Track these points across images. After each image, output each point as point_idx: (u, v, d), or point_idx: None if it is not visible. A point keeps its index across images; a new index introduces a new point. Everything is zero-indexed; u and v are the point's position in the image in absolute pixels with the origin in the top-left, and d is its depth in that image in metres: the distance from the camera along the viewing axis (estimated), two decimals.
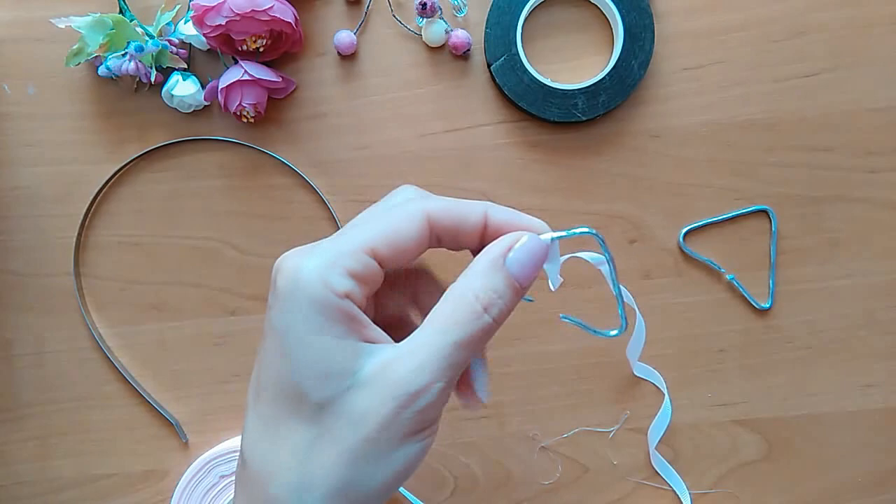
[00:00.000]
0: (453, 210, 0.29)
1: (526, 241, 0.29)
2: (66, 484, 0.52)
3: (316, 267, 0.26)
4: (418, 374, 0.26)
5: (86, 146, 0.51)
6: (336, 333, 0.26)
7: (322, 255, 0.26)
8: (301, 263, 0.26)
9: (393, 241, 0.27)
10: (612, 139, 0.51)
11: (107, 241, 0.52)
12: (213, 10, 0.45)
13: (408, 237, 0.28)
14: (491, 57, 0.49)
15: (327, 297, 0.26)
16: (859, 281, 0.51)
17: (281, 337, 0.26)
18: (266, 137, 0.51)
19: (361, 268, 0.27)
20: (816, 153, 0.51)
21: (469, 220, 0.29)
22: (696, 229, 0.51)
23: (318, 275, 0.26)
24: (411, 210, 0.28)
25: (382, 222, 0.28)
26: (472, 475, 0.52)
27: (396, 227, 0.28)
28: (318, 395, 0.26)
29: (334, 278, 0.26)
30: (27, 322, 0.51)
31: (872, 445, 0.52)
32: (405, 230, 0.28)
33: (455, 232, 0.29)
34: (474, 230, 0.29)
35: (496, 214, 0.29)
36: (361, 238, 0.27)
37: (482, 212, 0.29)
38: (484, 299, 0.27)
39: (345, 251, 0.27)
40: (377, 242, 0.27)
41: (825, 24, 0.50)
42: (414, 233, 0.28)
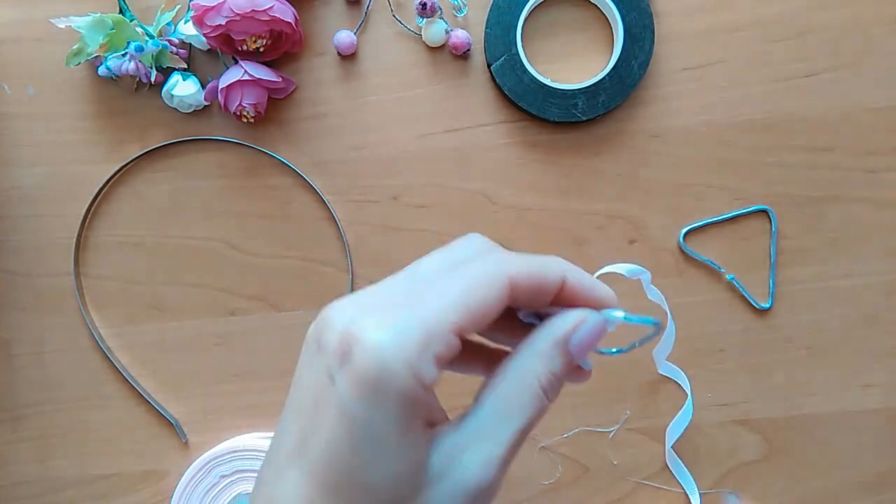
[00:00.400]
0: (535, 275, 0.26)
1: (593, 324, 0.27)
2: (66, 484, 0.52)
3: (407, 352, 0.23)
4: (486, 469, 0.24)
5: (86, 146, 0.51)
6: (417, 430, 0.24)
7: (411, 336, 0.23)
8: (389, 344, 0.23)
9: (477, 313, 0.24)
10: (612, 139, 0.51)
11: (107, 241, 0.52)
12: (213, 10, 0.45)
13: (491, 308, 0.25)
14: (491, 57, 0.49)
15: (417, 393, 0.23)
16: (859, 281, 0.51)
17: (357, 427, 0.23)
18: (266, 137, 0.51)
19: (449, 351, 0.24)
20: (816, 153, 0.51)
21: (548, 286, 0.26)
22: (696, 229, 0.51)
23: (408, 364, 0.23)
24: (493, 272, 0.25)
25: (463, 289, 0.24)
26: None
27: (482, 297, 0.24)
28: (389, 494, 0.24)
29: (426, 368, 0.23)
30: (27, 322, 0.51)
31: (872, 445, 0.52)
32: (490, 300, 0.25)
33: (533, 297, 0.26)
34: (549, 295, 0.27)
35: (573, 281, 0.27)
36: (448, 312, 0.24)
37: (561, 276, 0.27)
38: (546, 383, 0.26)
39: (434, 332, 0.23)
40: (462, 317, 0.24)
41: (825, 24, 0.50)
42: (497, 302, 0.25)
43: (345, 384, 0.23)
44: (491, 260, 0.26)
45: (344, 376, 0.23)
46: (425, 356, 0.23)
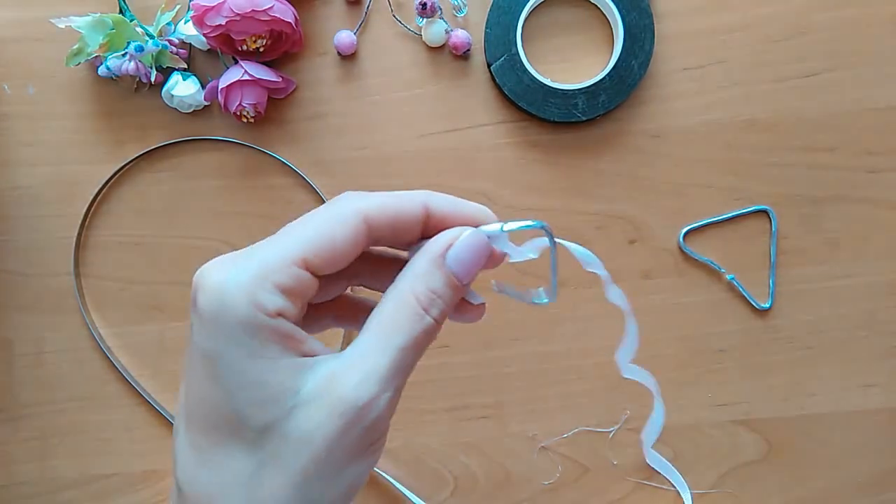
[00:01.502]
0: (390, 206, 0.27)
1: (466, 238, 0.27)
2: (66, 484, 0.52)
3: (242, 284, 0.24)
4: (365, 386, 0.24)
5: (86, 146, 0.51)
6: (271, 355, 0.24)
7: (248, 270, 0.24)
8: (225, 280, 0.24)
9: (326, 247, 0.25)
10: (612, 139, 0.51)
11: (107, 241, 0.52)
12: (213, 10, 0.45)
13: (342, 241, 0.25)
14: (491, 57, 0.49)
15: (257, 319, 0.24)
16: (859, 281, 0.51)
17: (211, 363, 0.24)
18: (266, 137, 0.51)
19: (293, 281, 0.24)
20: (816, 153, 0.51)
21: (407, 215, 0.27)
22: (696, 229, 0.51)
23: (245, 294, 0.24)
24: (344, 211, 0.26)
25: (312, 227, 0.25)
26: (472, 475, 0.52)
27: (329, 232, 0.25)
28: (259, 420, 0.24)
29: (264, 296, 0.24)
30: (27, 322, 0.51)
31: (872, 445, 0.52)
32: (339, 234, 0.25)
33: (394, 229, 0.27)
34: (414, 225, 0.27)
35: (437, 206, 0.28)
36: (291, 248, 0.25)
37: (421, 204, 0.27)
38: (424, 300, 0.26)
39: (273, 264, 0.24)
40: (308, 251, 0.25)
41: (825, 24, 0.50)
42: (348, 236, 0.26)
43: (196, 327, 0.24)
44: (345, 201, 0.27)
45: (194, 320, 0.25)
46: (264, 286, 0.24)
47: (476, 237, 0.27)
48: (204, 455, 0.25)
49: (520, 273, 0.51)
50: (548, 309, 0.51)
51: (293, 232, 0.26)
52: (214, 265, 0.25)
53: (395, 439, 0.51)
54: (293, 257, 0.24)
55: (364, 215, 0.26)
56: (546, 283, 0.35)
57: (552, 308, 0.51)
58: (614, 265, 0.51)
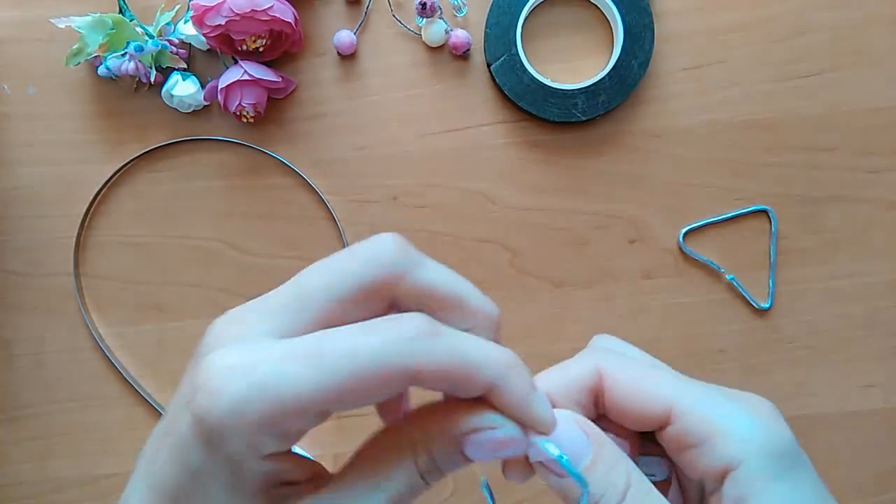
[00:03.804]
0: (447, 376, 0.21)
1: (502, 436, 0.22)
2: (66, 484, 0.52)
3: (245, 423, 0.20)
4: None
5: (86, 146, 0.51)
6: (251, 495, 0.21)
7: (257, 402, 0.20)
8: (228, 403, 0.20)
9: (354, 399, 0.20)
10: (612, 139, 0.51)
11: (107, 241, 0.52)
12: (213, 10, 0.45)
13: (376, 397, 0.21)
14: (491, 57, 0.49)
15: (249, 462, 0.21)
16: (859, 281, 0.51)
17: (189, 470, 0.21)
18: (266, 137, 0.51)
19: (303, 429, 0.21)
20: (816, 153, 0.51)
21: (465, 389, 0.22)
22: (696, 229, 0.51)
23: (244, 433, 0.20)
24: (388, 362, 0.20)
25: (348, 368, 0.20)
26: (473, 475, 0.52)
27: (364, 386, 0.20)
28: None
29: (265, 442, 0.20)
30: (27, 322, 0.51)
31: (872, 445, 0.52)
32: (374, 390, 0.20)
33: (447, 391, 0.22)
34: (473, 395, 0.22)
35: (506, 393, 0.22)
36: (314, 391, 0.20)
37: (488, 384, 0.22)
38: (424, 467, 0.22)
39: (289, 410, 0.20)
40: (332, 401, 0.20)
41: (825, 24, 0.50)
42: (385, 393, 0.21)
43: (185, 421, 0.21)
44: (395, 337, 0.20)
45: (188, 410, 0.21)
46: (267, 430, 0.20)
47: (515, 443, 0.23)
48: None
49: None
50: (548, 309, 0.51)
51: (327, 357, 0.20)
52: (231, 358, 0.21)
53: None
54: (313, 405, 0.20)
55: (415, 373, 0.20)
56: None
57: (552, 308, 0.51)
58: (614, 265, 0.51)
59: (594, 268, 0.52)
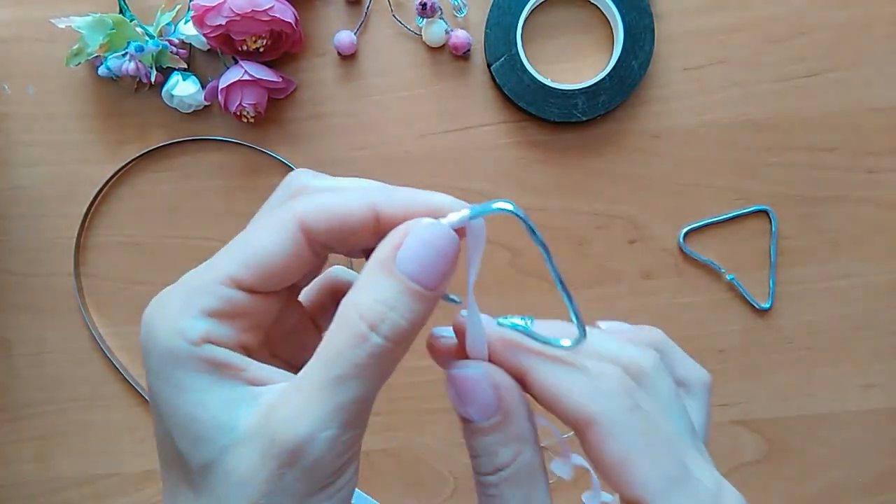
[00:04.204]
0: (330, 210, 0.22)
1: (422, 230, 0.22)
2: (66, 484, 0.52)
3: (167, 314, 0.22)
4: (298, 423, 0.20)
5: (86, 146, 0.51)
6: (200, 387, 0.21)
7: (174, 297, 0.22)
8: (153, 311, 0.22)
9: (258, 263, 0.22)
10: (612, 139, 0.51)
11: (107, 241, 0.52)
12: (214, 10, 0.45)
13: (275, 254, 0.22)
14: (491, 57, 0.49)
15: (181, 348, 0.21)
16: (859, 281, 0.51)
17: (153, 400, 0.23)
18: (266, 137, 0.51)
19: (221, 303, 0.22)
20: (816, 153, 0.51)
21: (353, 220, 0.22)
22: (696, 229, 0.51)
23: (168, 323, 0.22)
24: (279, 220, 0.23)
25: (243, 241, 0.23)
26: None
27: (260, 246, 0.22)
28: (196, 459, 0.22)
29: (185, 323, 0.22)
30: (27, 322, 0.51)
31: (872, 445, 0.52)
32: (271, 247, 0.22)
33: (338, 236, 0.23)
34: (364, 230, 0.23)
35: (388, 205, 0.23)
36: (218, 267, 0.22)
37: (368, 205, 0.22)
38: (370, 316, 0.21)
39: (197, 287, 0.22)
40: (238, 269, 0.22)
41: (825, 24, 0.50)
42: (283, 247, 0.22)
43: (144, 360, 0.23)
44: (285, 206, 0.23)
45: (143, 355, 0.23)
46: (187, 312, 0.22)
47: (434, 229, 0.22)
48: (168, 493, 0.23)
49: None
50: (548, 309, 0.51)
51: (225, 250, 0.23)
52: (156, 298, 0.23)
53: (395, 439, 0.51)
54: (219, 277, 0.22)
55: (300, 221, 0.22)
56: None
57: (552, 308, 0.51)
58: (614, 265, 0.51)
59: (594, 268, 0.52)
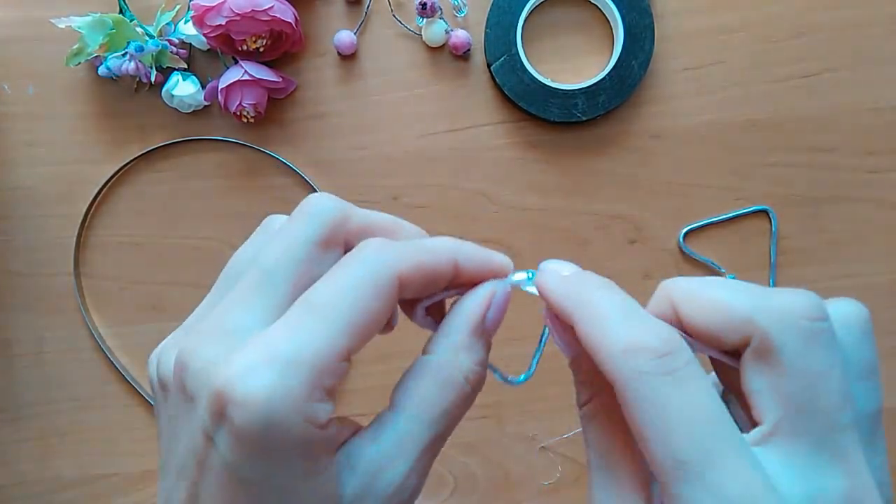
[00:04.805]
0: (424, 266, 0.23)
1: (501, 298, 0.25)
2: (66, 484, 0.52)
3: (293, 400, 0.20)
4: (407, 479, 0.22)
5: (86, 146, 0.51)
6: (322, 469, 0.21)
7: (293, 376, 0.20)
8: (272, 395, 0.19)
9: (367, 328, 0.21)
10: (612, 139, 0.51)
11: (107, 241, 0.52)
12: (214, 10, 0.45)
13: (383, 315, 0.22)
14: (491, 57, 0.49)
15: (312, 436, 0.20)
16: (859, 281, 0.51)
17: (252, 487, 0.20)
18: (266, 137, 0.51)
19: (341, 380, 0.21)
20: (817, 153, 0.51)
21: (440, 274, 0.24)
22: (696, 229, 0.51)
23: (298, 409, 0.20)
24: (381, 278, 0.22)
25: (350, 303, 0.21)
26: (472, 475, 0.52)
27: (369, 309, 0.21)
28: None
29: (319, 409, 0.20)
30: (27, 322, 0.51)
31: None
32: (379, 309, 0.22)
33: (424, 288, 0.24)
34: (443, 281, 0.24)
35: (466, 260, 0.24)
36: (334, 337, 0.20)
37: (451, 260, 0.24)
38: (473, 379, 0.24)
39: (323, 364, 0.20)
40: (353, 339, 0.21)
41: (825, 24, 0.50)
42: (389, 307, 0.22)
43: (228, 445, 0.20)
44: (374, 257, 0.22)
45: (225, 437, 0.20)
46: (316, 395, 0.20)
47: (505, 294, 0.25)
48: None
49: None
50: None
51: (329, 305, 0.21)
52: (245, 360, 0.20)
53: None
54: (341, 351, 0.21)
55: (401, 279, 0.22)
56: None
57: None
58: (614, 265, 0.51)
59: (594, 268, 0.51)
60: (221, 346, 0.21)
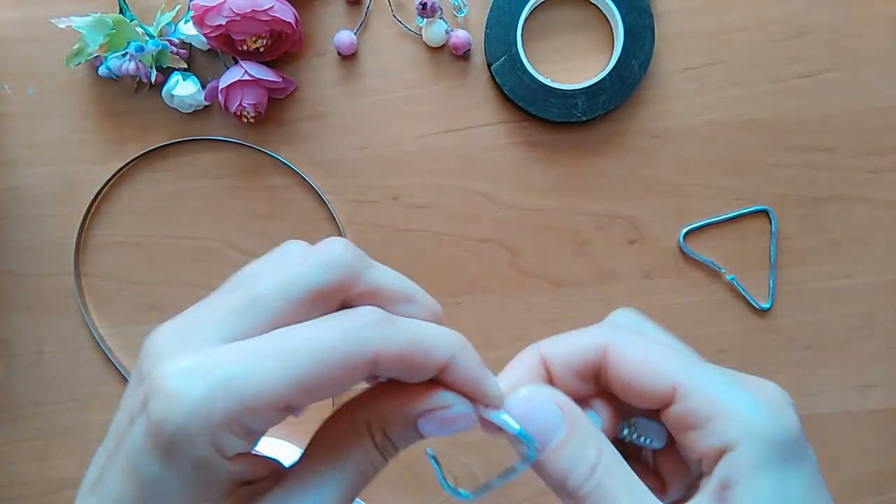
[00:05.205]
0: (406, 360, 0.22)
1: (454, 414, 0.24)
2: (66, 484, 0.52)
3: (208, 422, 0.19)
4: None
5: (86, 146, 0.51)
6: (216, 495, 0.21)
7: (219, 400, 0.19)
8: (188, 404, 0.19)
9: (319, 390, 0.21)
10: (612, 139, 0.51)
11: (107, 241, 0.52)
12: (214, 10, 0.45)
13: (340, 386, 0.21)
14: (491, 57, 0.49)
15: (213, 462, 0.20)
16: (859, 281, 0.51)
17: (146, 486, 0.20)
18: (266, 137, 0.51)
19: (267, 426, 0.21)
20: (817, 153, 0.51)
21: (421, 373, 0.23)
22: (696, 229, 0.51)
23: (209, 433, 0.19)
24: (355, 352, 0.21)
25: (309, 359, 0.20)
26: (472, 475, 0.52)
27: (328, 376, 0.20)
28: None
29: (230, 442, 0.20)
30: (27, 322, 0.51)
31: (872, 445, 0.52)
32: (338, 378, 0.21)
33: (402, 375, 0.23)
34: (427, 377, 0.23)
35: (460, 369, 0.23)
36: (277, 386, 0.20)
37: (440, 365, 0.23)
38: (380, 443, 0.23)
39: (253, 405, 0.20)
40: (296, 394, 0.20)
41: (825, 24, 0.50)
42: (349, 381, 0.21)
43: (138, 432, 0.20)
44: (358, 327, 0.21)
45: (139, 424, 0.20)
46: (233, 428, 0.20)
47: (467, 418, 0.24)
48: None
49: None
50: (548, 309, 0.51)
51: (289, 353, 0.20)
52: (184, 363, 0.20)
53: None
54: (279, 400, 0.20)
55: (376, 358, 0.21)
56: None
57: (552, 308, 0.51)
58: (614, 265, 0.51)
59: (594, 268, 0.52)
60: (180, 344, 0.21)
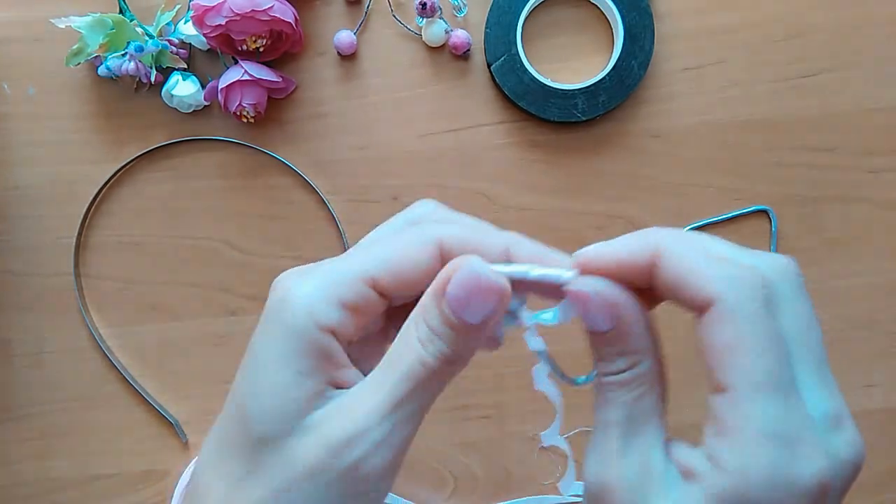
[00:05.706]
0: (470, 241, 0.25)
1: (461, 273, 0.23)
2: (66, 484, 0.52)
3: (307, 293, 0.24)
4: (353, 422, 0.23)
5: (86, 146, 0.51)
6: (302, 369, 0.23)
7: (316, 280, 0.24)
8: (294, 286, 0.24)
9: (397, 270, 0.24)
10: (612, 139, 0.51)
11: (107, 241, 0.52)
12: (213, 10, 0.45)
13: (415, 267, 0.24)
14: (491, 57, 0.49)
15: (307, 329, 0.23)
16: (859, 281, 0.51)
17: (251, 357, 0.25)
18: (266, 137, 0.51)
19: (356, 298, 0.24)
20: (816, 153, 0.51)
21: (487, 256, 0.24)
22: (696, 229, 0.51)
23: (306, 302, 0.24)
24: (422, 236, 0.25)
25: (388, 247, 0.25)
26: (472, 475, 0.52)
27: (403, 255, 0.24)
28: (260, 429, 0.24)
29: (322, 309, 0.24)
30: (27, 322, 0.51)
31: (872, 445, 0.52)
32: (412, 259, 0.24)
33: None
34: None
35: (520, 251, 0.25)
36: (362, 264, 0.24)
37: (503, 247, 0.25)
38: (423, 336, 0.24)
39: (341, 278, 0.24)
40: (379, 271, 0.24)
41: (825, 24, 0.50)
42: (422, 263, 0.24)
43: (260, 323, 0.25)
44: (427, 225, 0.26)
45: (261, 317, 0.25)
46: (326, 298, 0.24)
47: (470, 272, 0.23)
48: (216, 448, 0.25)
49: None
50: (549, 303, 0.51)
51: (368, 247, 0.26)
52: (293, 271, 0.25)
53: None
54: (362, 274, 0.24)
55: (441, 244, 0.25)
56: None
57: None
58: None
59: None
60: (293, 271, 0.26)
